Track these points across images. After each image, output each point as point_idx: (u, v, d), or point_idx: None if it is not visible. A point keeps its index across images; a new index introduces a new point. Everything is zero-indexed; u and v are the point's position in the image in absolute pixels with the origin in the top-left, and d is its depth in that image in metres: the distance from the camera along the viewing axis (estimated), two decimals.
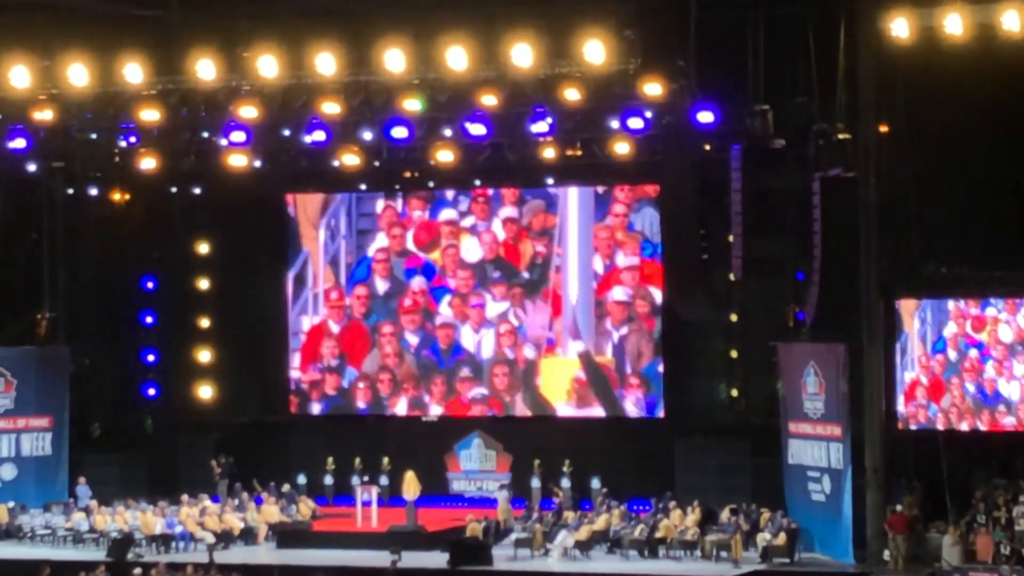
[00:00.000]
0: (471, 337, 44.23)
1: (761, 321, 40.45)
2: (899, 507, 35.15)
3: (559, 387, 43.49)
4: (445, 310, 44.44)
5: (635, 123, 37.32)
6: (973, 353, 36.47)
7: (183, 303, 46.71)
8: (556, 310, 43.50)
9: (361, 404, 45.12)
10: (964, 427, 36.26)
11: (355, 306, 45.15)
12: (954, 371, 36.54)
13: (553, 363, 43.63)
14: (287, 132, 40.14)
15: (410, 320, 44.69)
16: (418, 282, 44.68)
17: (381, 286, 45.00)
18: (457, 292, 44.35)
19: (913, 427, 36.57)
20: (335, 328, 45.34)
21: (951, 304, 36.64)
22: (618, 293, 43.04)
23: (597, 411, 43.28)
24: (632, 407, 42.74)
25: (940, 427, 36.38)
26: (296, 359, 45.61)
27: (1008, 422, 35.84)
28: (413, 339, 44.74)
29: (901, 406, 36.74)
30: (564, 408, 43.45)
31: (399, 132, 38.68)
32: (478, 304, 44.21)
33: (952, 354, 36.59)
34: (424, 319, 44.64)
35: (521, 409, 43.75)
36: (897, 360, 36.76)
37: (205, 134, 40.55)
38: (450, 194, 44.33)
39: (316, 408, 45.41)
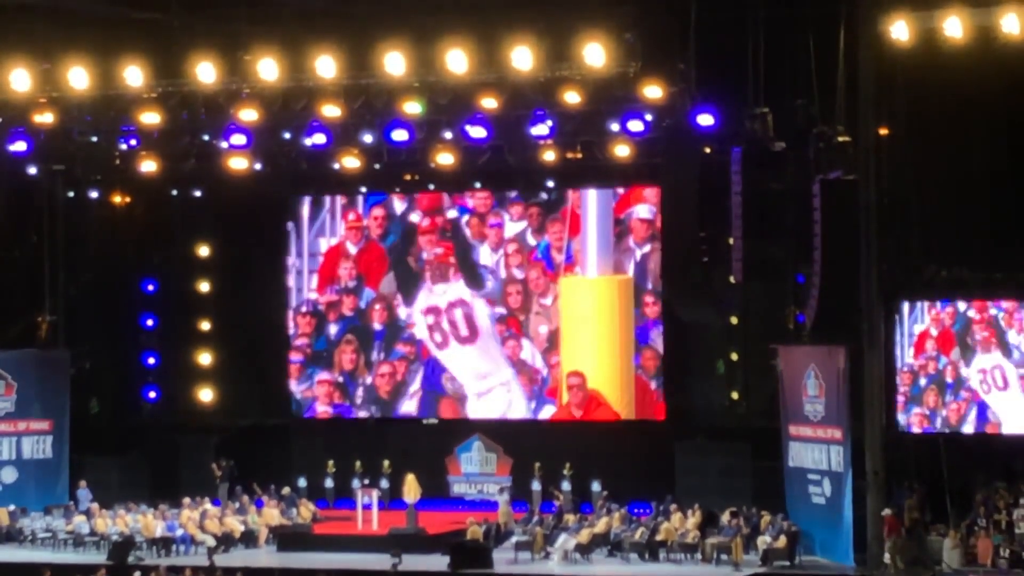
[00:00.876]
0: (489, 256, 44.16)
1: (761, 324, 40.50)
2: (888, 510, 35.12)
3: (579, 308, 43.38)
4: (463, 230, 44.44)
5: (635, 126, 37.38)
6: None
7: (183, 306, 46.71)
8: (574, 229, 43.45)
9: (377, 325, 44.97)
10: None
11: (372, 227, 45.05)
12: (964, 321, 36.54)
13: (572, 282, 43.53)
14: (287, 135, 40.23)
15: (428, 240, 44.65)
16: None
17: (399, 207, 44.91)
18: (475, 212, 44.30)
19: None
20: (352, 249, 45.25)
21: None
22: (642, 211, 42.84)
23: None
24: None
25: (948, 379, 36.47)
26: (314, 280, 45.46)
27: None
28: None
29: (910, 358, 36.77)
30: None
31: (399, 135, 38.73)
32: (496, 224, 44.11)
33: (962, 305, 36.62)
34: (442, 239, 44.58)
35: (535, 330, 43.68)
36: (905, 313, 36.77)
37: (205, 137, 40.59)
38: None
39: (333, 329, 45.25)
